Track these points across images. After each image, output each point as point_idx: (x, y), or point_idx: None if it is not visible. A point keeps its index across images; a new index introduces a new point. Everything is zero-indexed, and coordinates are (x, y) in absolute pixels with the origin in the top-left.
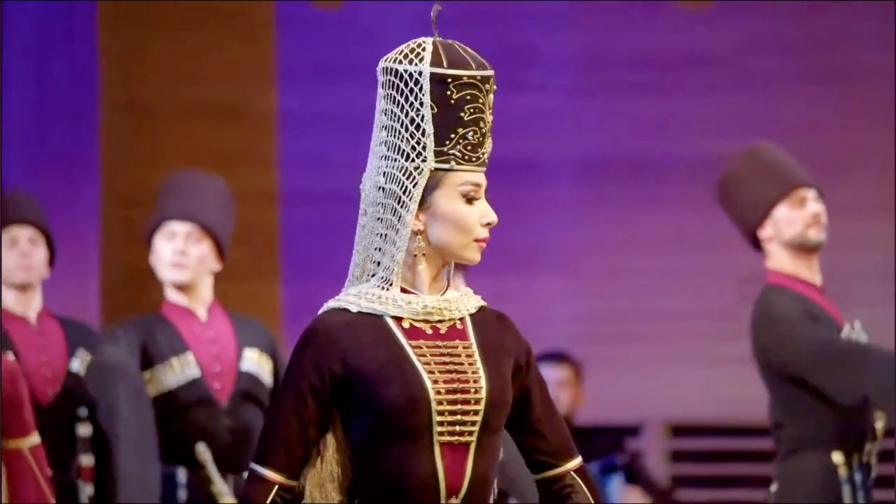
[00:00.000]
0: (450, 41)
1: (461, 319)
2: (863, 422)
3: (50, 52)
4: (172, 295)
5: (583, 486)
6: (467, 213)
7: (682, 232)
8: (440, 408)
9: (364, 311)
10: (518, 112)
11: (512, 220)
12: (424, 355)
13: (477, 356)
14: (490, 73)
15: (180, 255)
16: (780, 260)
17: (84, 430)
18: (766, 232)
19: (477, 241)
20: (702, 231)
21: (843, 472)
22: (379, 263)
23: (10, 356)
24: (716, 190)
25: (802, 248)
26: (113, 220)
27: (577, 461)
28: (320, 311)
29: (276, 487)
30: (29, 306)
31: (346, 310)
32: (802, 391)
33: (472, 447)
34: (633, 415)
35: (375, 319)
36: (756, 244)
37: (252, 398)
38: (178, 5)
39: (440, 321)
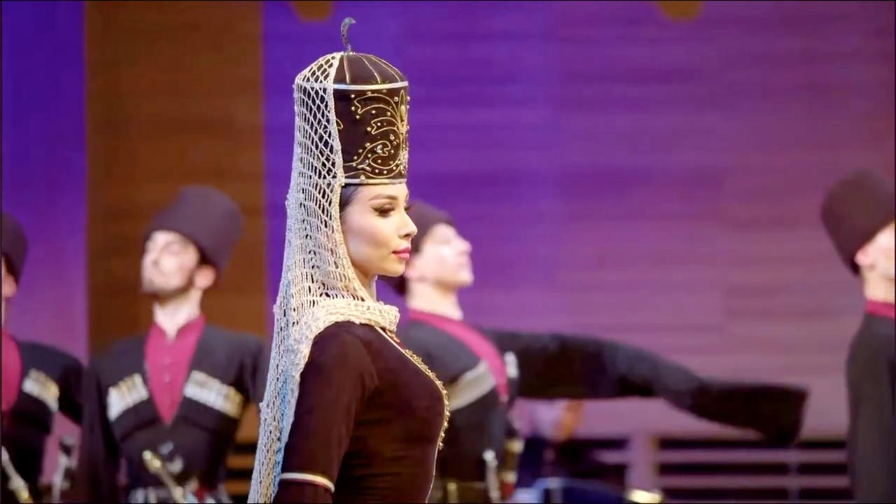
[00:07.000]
0: (360, 55)
1: None
2: (476, 453)
3: (35, 66)
4: None
5: None
6: (380, 227)
7: (667, 245)
8: (446, 413)
9: (363, 322)
10: (500, 126)
11: (493, 233)
12: (419, 364)
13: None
14: (399, 85)
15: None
16: (423, 296)
17: None
18: (414, 272)
19: (396, 252)
20: (687, 244)
21: (453, 498)
22: (323, 281)
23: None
24: None
25: (449, 287)
26: (99, 233)
27: None
28: (331, 325)
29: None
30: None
31: (351, 322)
32: None
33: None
34: (621, 428)
35: (373, 330)
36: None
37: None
38: (166, 20)
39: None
